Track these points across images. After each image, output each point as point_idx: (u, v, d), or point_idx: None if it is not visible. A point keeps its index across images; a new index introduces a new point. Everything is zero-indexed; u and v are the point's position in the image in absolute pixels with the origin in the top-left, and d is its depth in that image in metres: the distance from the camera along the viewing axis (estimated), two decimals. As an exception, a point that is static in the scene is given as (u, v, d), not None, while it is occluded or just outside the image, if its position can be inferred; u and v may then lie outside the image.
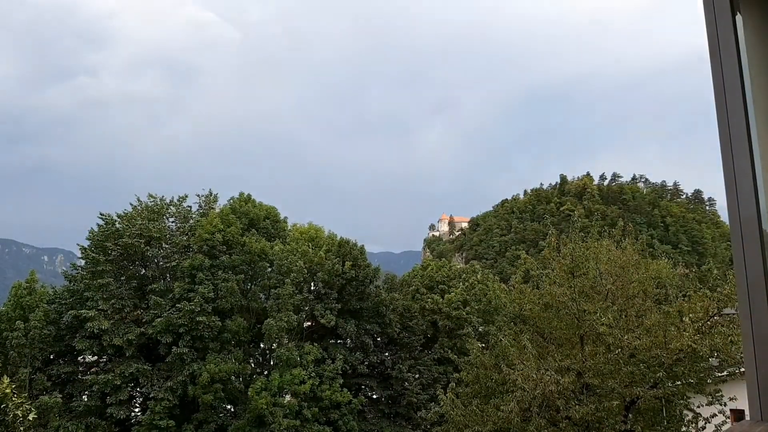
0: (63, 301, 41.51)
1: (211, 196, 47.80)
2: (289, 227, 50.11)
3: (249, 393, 39.17)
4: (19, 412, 17.33)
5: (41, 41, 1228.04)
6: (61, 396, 38.45)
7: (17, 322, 39.19)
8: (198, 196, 47.43)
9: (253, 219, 46.70)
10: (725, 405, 15.95)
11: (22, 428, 17.53)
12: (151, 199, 45.06)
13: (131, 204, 44.74)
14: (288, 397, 40.35)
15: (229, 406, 42.21)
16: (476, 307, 45.66)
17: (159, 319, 39.59)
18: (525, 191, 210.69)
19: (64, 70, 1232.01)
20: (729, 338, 15.56)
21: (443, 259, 65.73)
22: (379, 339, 45.39)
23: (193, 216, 46.38)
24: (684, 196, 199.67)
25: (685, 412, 16.86)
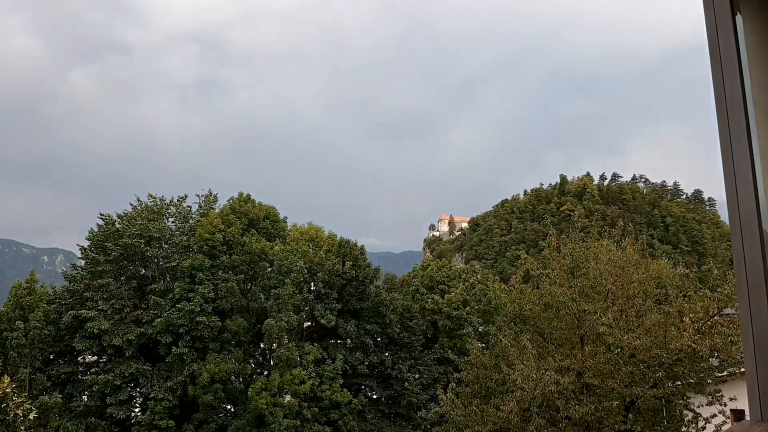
0: (63, 302, 41.50)
1: (210, 196, 47.82)
2: (289, 227, 50.14)
3: (249, 393, 39.17)
4: (19, 412, 17.34)
5: (70, 13, 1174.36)
6: (61, 396, 38.44)
7: (17, 322, 39.19)
8: (198, 196, 47.52)
9: (252, 219, 46.72)
10: (725, 405, 15.94)
11: (23, 427, 17.55)
12: (151, 200, 45.10)
13: (131, 204, 44.81)
14: (288, 397, 40.37)
15: (229, 406, 42.21)
16: (476, 307, 45.70)
17: (159, 319, 39.58)
18: (525, 191, 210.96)
19: (91, 48, 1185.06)
20: (729, 338, 15.56)
21: (443, 259, 65.75)
22: (379, 339, 45.41)
23: (193, 216, 46.39)
24: (684, 196, 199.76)
25: (685, 412, 16.86)
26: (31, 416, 18.06)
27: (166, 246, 43.60)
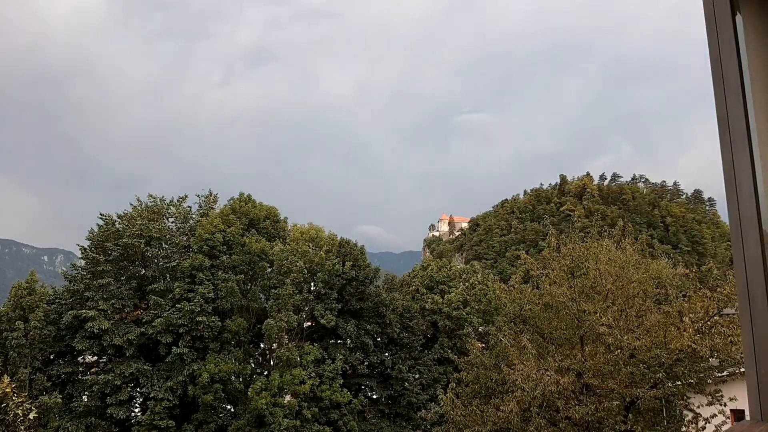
0: (63, 302, 41.48)
1: (211, 196, 47.81)
2: (289, 227, 50.15)
3: (249, 393, 39.17)
4: (19, 412, 17.34)
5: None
6: (61, 396, 38.42)
7: (17, 322, 39.17)
8: (198, 196, 47.50)
9: (253, 219, 46.72)
10: (725, 405, 15.94)
11: (22, 427, 17.54)
12: (151, 200, 45.08)
13: (131, 204, 44.78)
14: (288, 397, 40.36)
15: (229, 406, 42.21)
16: (476, 308, 45.70)
17: (159, 319, 39.58)
18: (525, 191, 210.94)
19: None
20: (729, 338, 15.56)
21: (443, 259, 65.80)
22: (379, 339, 45.40)
23: (193, 216, 46.38)
24: (684, 196, 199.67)
25: (685, 412, 16.86)
26: (30, 416, 18.07)
27: (166, 246, 43.60)
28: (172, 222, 46.05)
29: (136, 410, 41.25)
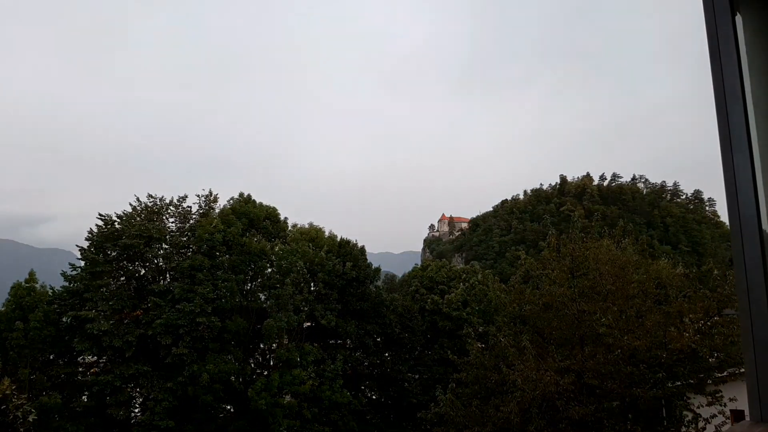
0: (62, 302, 41.46)
1: (211, 196, 47.75)
2: (289, 228, 50.15)
3: (249, 393, 39.17)
4: (19, 413, 17.33)
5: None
6: (60, 397, 38.41)
7: (17, 322, 39.14)
8: (198, 196, 47.42)
9: (253, 219, 46.71)
10: (725, 405, 15.94)
11: (22, 429, 17.53)
12: (151, 199, 45.04)
13: (130, 204, 44.73)
14: (288, 398, 40.36)
15: (229, 407, 42.18)
16: (476, 308, 45.71)
17: (159, 320, 39.56)
18: (525, 191, 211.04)
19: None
20: (729, 338, 15.58)
21: (443, 259, 65.76)
22: (379, 339, 45.40)
23: (193, 216, 46.33)
24: (684, 196, 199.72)
25: (685, 412, 16.86)
26: (30, 418, 18.06)
27: (166, 246, 43.56)
28: (172, 222, 46.00)
29: (136, 411, 41.22)
